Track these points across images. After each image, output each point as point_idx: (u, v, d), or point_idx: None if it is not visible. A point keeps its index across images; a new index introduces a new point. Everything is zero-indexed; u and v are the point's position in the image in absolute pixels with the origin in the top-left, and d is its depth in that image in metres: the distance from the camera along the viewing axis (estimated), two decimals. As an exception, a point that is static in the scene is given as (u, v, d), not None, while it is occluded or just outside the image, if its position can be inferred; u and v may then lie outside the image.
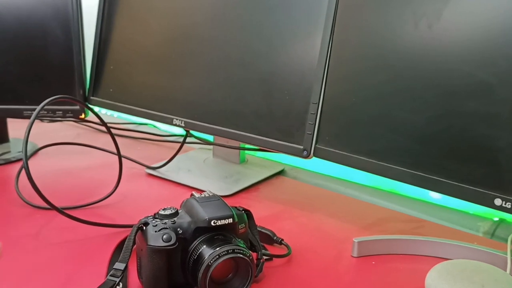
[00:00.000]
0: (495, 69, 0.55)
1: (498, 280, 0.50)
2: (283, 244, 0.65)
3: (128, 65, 0.96)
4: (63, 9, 0.94)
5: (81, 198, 0.77)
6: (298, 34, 0.73)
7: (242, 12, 0.79)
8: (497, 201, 0.55)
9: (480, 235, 0.72)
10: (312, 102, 0.70)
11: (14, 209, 0.74)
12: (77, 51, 0.95)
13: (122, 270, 0.50)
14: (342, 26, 0.68)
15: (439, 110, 0.59)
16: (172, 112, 0.88)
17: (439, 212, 0.78)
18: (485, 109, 0.55)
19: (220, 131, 0.82)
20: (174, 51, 0.88)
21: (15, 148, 0.99)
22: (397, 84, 0.63)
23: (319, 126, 0.70)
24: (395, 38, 0.63)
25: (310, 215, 0.76)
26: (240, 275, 0.52)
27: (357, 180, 0.91)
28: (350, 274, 0.61)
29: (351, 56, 0.68)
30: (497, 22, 0.55)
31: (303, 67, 0.72)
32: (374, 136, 0.65)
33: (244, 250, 0.51)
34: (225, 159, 0.96)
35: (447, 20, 0.59)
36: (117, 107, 0.97)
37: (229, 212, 0.54)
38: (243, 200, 0.81)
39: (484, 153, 0.56)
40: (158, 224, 0.52)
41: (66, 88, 0.96)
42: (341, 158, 0.68)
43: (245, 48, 0.79)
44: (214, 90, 0.83)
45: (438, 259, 0.64)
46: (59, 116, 0.96)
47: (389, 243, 0.65)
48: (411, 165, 0.61)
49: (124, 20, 0.97)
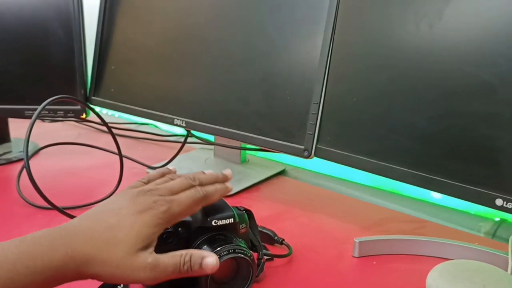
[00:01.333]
0: (496, 69, 0.55)
1: (500, 281, 0.50)
2: (284, 244, 0.65)
3: (129, 65, 0.96)
4: (65, 9, 0.94)
5: (82, 198, 0.77)
6: (300, 34, 0.73)
7: (244, 12, 0.79)
8: (498, 201, 0.55)
9: (481, 235, 0.72)
10: (313, 102, 0.70)
11: (15, 209, 0.74)
12: (78, 51, 0.95)
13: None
14: (343, 26, 0.68)
15: (440, 110, 0.59)
16: (173, 112, 0.88)
17: (440, 212, 0.78)
18: (486, 109, 0.55)
19: (221, 131, 0.82)
20: (176, 51, 0.88)
21: (16, 148, 0.99)
22: (398, 84, 0.63)
23: (320, 126, 0.70)
24: (396, 38, 0.63)
25: (311, 215, 0.76)
26: (241, 275, 0.52)
27: (358, 180, 0.91)
28: (351, 274, 0.60)
29: (352, 56, 0.68)
30: (498, 22, 0.55)
31: (305, 67, 0.72)
32: (375, 136, 0.65)
33: (245, 250, 0.51)
34: (226, 159, 0.96)
35: (448, 20, 0.58)
36: (118, 107, 0.98)
37: (230, 212, 0.54)
38: (244, 200, 0.81)
39: (485, 153, 0.56)
40: (159, 224, 0.52)
41: (67, 88, 0.96)
42: (342, 158, 0.68)
43: (246, 48, 0.79)
44: (215, 90, 0.83)
45: (439, 259, 0.63)
46: (60, 116, 0.96)
47: (390, 243, 0.65)
48: (412, 165, 0.61)
49: (125, 20, 0.97)
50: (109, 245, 0.43)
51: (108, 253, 0.43)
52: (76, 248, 0.42)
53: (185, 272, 0.45)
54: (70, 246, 0.42)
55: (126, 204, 0.46)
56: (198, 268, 0.46)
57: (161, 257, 0.45)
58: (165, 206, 0.47)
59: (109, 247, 0.43)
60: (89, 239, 0.43)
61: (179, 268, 0.45)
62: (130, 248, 0.43)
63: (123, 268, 0.43)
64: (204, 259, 0.46)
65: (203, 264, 0.46)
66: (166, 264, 0.45)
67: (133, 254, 0.43)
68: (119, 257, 0.43)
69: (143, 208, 0.46)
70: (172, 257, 0.45)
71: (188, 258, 0.46)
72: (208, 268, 0.46)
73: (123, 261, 0.43)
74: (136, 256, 0.43)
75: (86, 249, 0.42)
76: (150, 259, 0.44)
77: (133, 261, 0.43)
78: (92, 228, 0.44)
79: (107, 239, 0.43)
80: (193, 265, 0.46)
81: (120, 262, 0.43)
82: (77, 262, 0.42)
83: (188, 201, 0.49)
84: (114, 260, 0.42)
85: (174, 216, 0.48)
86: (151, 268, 0.44)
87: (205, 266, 0.46)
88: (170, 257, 0.45)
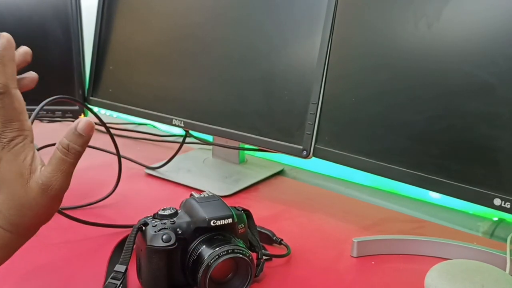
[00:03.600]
0: (495, 69, 0.55)
1: (498, 280, 0.50)
2: (283, 244, 0.65)
3: (127, 65, 0.96)
4: (63, 9, 0.94)
5: (80, 198, 0.77)
6: (298, 34, 0.73)
7: (242, 11, 0.79)
8: (497, 201, 0.55)
9: (480, 235, 0.72)
10: (311, 102, 0.70)
11: (13, 209, 0.74)
12: (76, 51, 0.95)
13: (123, 273, 0.50)
14: (341, 26, 0.68)
15: (439, 110, 0.59)
16: (172, 112, 0.88)
17: (438, 212, 0.78)
18: (485, 109, 0.55)
19: (220, 131, 0.82)
20: (174, 51, 0.88)
21: (14, 148, 0.99)
22: (397, 83, 0.63)
23: (319, 126, 0.70)
24: (395, 37, 0.63)
25: (309, 215, 0.76)
26: (239, 275, 0.52)
27: (356, 180, 0.91)
28: (349, 274, 0.61)
29: (351, 56, 0.68)
30: (497, 22, 0.55)
31: (303, 66, 0.72)
32: (374, 136, 0.65)
33: (244, 250, 0.51)
34: (224, 159, 0.96)
35: (447, 20, 0.59)
36: (117, 107, 0.97)
37: (229, 212, 0.54)
38: (243, 200, 0.80)
39: (483, 153, 0.56)
40: (158, 225, 0.52)
41: (65, 88, 0.96)
42: (340, 158, 0.68)
43: (245, 48, 0.79)
44: (214, 90, 0.83)
45: (437, 259, 0.64)
46: (58, 117, 0.96)
47: (388, 243, 0.65)
48: (411, 165, 0.61)
49: (123, 20, 0.97)
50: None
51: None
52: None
53: (73, 152, 0.43)
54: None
55: None
56: (78, 137, 0.43)
57: (42, 171, 0.42)
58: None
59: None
60: None
61: (65, 157, 0.42)
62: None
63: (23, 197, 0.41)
64: (77, 126, 0.43)
65: (79, 129, 0.43)
66: (52, 167, 0.42)
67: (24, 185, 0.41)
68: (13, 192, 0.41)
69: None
70: (52, 158, 0.42)
71: (64, 142, 0.43)
72: (86, 130, 0.43)
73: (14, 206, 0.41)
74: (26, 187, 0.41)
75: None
76: (35, 186, 0.41)
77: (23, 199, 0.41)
78: None
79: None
80: (71, 140, 0.42)
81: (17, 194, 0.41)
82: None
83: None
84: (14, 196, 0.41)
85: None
86: (42, 189, 0.41)
87: (81, 130, 0.43)
88: (50, 162, 0.42)
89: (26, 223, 0.43)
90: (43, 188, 0.42)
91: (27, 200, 0.42)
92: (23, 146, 0.43)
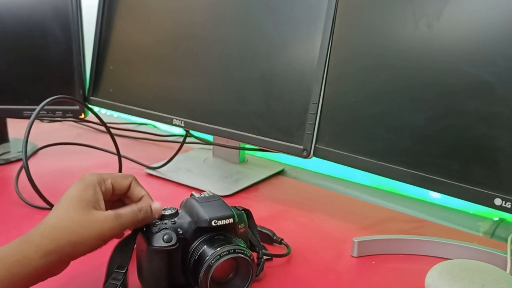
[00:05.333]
0: (495, 69, 0.55)
1: (498, 280, 0.50)
2: (283, 243, 0.65)
3: (128, 65, 0.96)
4: (63, 9, 0.93)
5: (81, 198, 0.77)
6: (298, 34, 0.73)
7: (242, 11, 0.79)
8: (497, 201, 0.55)
9: (480, 235, 0.72)
10: (312, 102, 0.70)
11: (14, 209, 0.74)
12: (77, 51, 0.95)
13: (124, 273, 0.50)
14: (342, 26, 0.68)
15: (439, 109, 0.59)
16: (172, 112, 0.88)
17: (439, 212, 0.78)
18: (485, 109, 0.56)
19: (220, 131, 0.82)
20: (174, 50, 0.88)
21: (15, 148, 0.99)
22: (397, 83, 0.63)
23: (319, 126, 0.70)
24: (395, 37, 0.63)
25: (310, 215, 0.76)
26: (240, 275, 0.52)
27: (357, 180, 0.91)
28: (350, 274, 0.61)
29: (351, 56, 0.68)
30: (496, 22, 0.55)
31: (303, 66, 0.72)
32: (374, 136, 0.65)
33: (245, 250, 0.51)
34: (225, 159, 0.96)
35: (446, 20, 0.59)
36: (117, 107, 0.97)
37: (230, 212, 0.54)
38: (243, 200, 0.80)
39: (484, 153, 0.56)
40: (158, 225, 0.52)
41: (66, 88, 0.96)
42: (341, 158, 0.68)
43: (245, 48, 0.79)
44: (214, 90, 0.83)
45: (438, 259, 0.64)
46: (59, 116, 0.96)
47: (389, 243, 0.65)
48: (411, 165, 0.61)
49: (124, 20, 0.97)
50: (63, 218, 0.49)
51: (67, 220, 0.48)
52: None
53: (142, 218, 0.51)
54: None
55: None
56: (150, 214, 0.52)
57: (119, 209, 0.50)
58: (96, 175, 0.52)
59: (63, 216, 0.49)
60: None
61: (137, 214, 0.51)
62: (80, 207, 0.48)
63: (87, 224, 0.47)
64: (152, 205, 0.53)
65: (153, 209, 0.53)
66: (126, 212, 0.50)
67: (88, 213, 0.48)
68: (77, 217, 0.48)
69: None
70: (129, 207, 0.52)
71: (140, 207, 0.52)
72: (156, 212, 0.53)
73: (83, 218, 0.48)
74: (92, 212, 0.48)
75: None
76: (110, 211, 0.49)
77: (93, 216, 0.48)
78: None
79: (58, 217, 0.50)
80: (146, 211, 0.52)
81: (80, 220, 0.48)
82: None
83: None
84: (76, 220, 0.48)
85: (104, 177, 0.53)
86: (115, 215, 0.49)
87: (155, 210, 0.53)
88: (127, 208, 0.51)
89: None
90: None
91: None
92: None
